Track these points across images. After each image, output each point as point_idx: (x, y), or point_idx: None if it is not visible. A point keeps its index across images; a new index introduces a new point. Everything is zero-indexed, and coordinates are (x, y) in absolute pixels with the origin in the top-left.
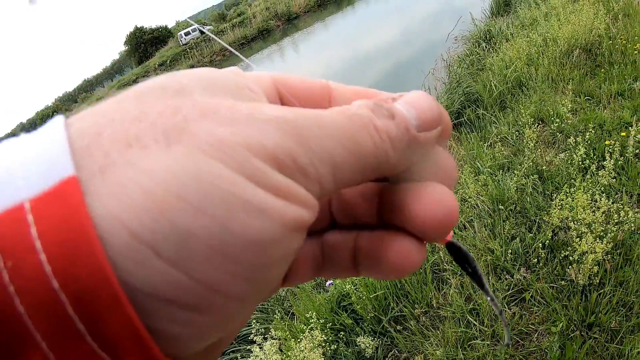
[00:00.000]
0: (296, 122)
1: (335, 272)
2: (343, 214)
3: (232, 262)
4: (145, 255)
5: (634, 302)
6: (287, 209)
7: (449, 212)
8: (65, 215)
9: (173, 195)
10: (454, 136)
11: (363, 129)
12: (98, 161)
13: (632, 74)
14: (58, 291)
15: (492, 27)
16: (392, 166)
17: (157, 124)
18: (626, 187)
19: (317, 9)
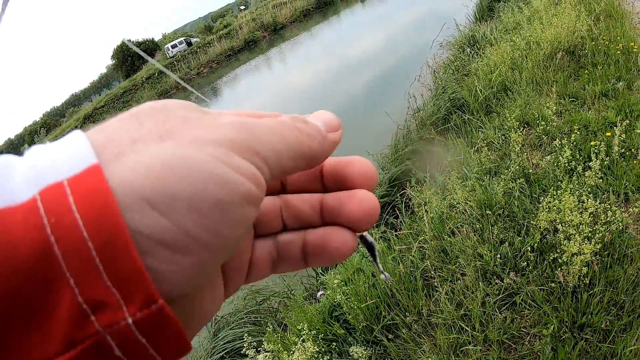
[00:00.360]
0: (247, 124)
1: (288, 266)
2: (293, 219)
3: (203, 216)
4: (145, 207)
5: (624, 301)
6: (243, 182)
7: (373, 208)
8: (92, 187)
9: (166, 168)
10: (440, 142)
11: (289, 129)
12: (113, 151)
13: (615, 74)
14: (87, 239)
15: (476, 32)
16: (316, 154)
17: (153, 130)
18: (613, 187)
19: (303, 19)
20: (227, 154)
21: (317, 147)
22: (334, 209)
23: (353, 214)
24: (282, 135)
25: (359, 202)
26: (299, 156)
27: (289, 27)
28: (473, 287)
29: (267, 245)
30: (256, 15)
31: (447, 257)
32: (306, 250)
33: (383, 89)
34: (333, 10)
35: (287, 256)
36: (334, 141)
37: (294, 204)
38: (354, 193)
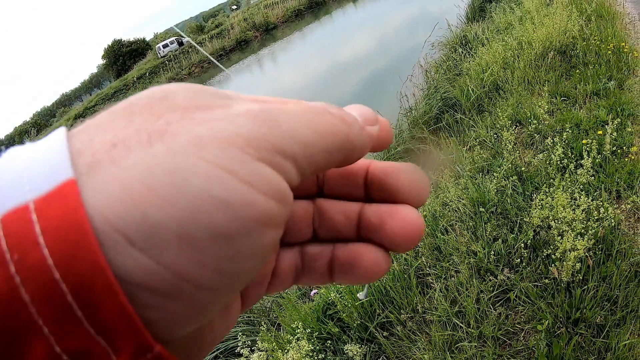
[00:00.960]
0: (266, 112)
1: (312, 279)
2: (325, 229)
3: (200, 252)
4: (121, 244)
5: (617, 296)
6: (257, 200)
7: (417, 230)
8: (64, 213)
9: (147, 189)
10: (433, 141)
11: (321, 114)
12: (86, 161)
13: (606, 74)
14: (60, 281)
15: (468, 32)
16: (354, 145)
17: (142, 128)
18: (605, 184)
19: (295, 19)
20: (238, 159)
21: (355, 136)
22: (372, 224)
23: (393, 235)
24: (313, 121)
25: (403, 222)
26: (334, 147)
27: (281, 27)
28: (467, 284)
29: (293, 255)
30: (248, 15)
31: (440, 254)
32: (333, 265)
33: (375, 89)
34: (325, 10)
35: (312, 269)
36: (371, 135)
37: (328, 214)
38: (397, 210)
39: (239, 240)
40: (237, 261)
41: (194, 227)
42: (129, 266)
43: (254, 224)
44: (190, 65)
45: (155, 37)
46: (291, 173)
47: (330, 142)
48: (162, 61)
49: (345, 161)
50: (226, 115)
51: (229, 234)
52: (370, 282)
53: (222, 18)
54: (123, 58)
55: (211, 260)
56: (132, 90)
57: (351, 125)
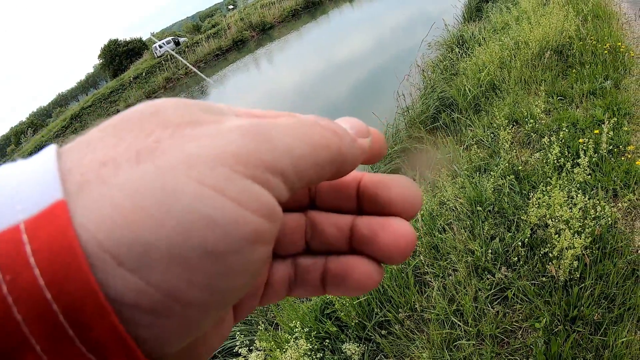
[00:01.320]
0: (256, 127)
1: (305, 291)
2: (318, 241)
3: (190, 271)
4: (110, 264)
5: (615, 293)
6: (247, 218)
7: (409, 243)
8: (54, 234)
9: (137, 209)
10: (430, 141)
11: (312, 126)
12: (75, 180)
13: (602, 73)
14: (51, 301)
15: (464, 32)
16: (345, 158)
17: (131, 146)
18: (601, 183)
19: (292, 19)
20: (227, 177)
21: (347, 148)
22: (364, 237)
23: (385, 248)
24: (304, 134)
25: (394, 234)
26: (325, 160)
27: (277, 27)
28: (465, 283)
29: (286, 267)
30: (244, 15)
31: (438, 253)
32: (326, 277)
33: (372, 89)
34: (321, 10)
35: (305, 281)
36: (363, 147)
37: (320, 226)
38: (388, 222)
39: (229, 258)
40: (227, 279)
41: (184, 247)
42: (118, 286)
43: (243, 242)
44: (187, 65)
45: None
46: (280, 189)
47: (321, 155)
48: (158, 61)
49: (336, 174)
50: (217, 132)
51: (219, 253)
52: (362, 294)
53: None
54: (119, 58)
55: (201, 279)
56: (129, 90)
57: (342, 138)
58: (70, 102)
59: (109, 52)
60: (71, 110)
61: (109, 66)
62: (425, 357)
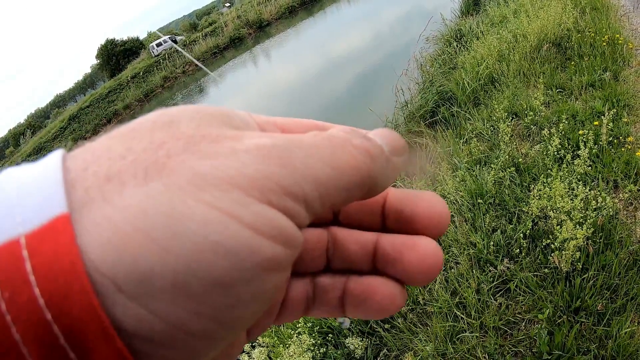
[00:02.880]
0: (277, 147)
1: (323, 311)
2: (339, 259)
3: (196, 301)
4: (110, 288)
5: (617, 284)
6: (261, 246)
7: (436, 264)
8: (56, 251)
9: (140, 233)
10: (430, 134)
11: (342, 147)
12: (79, 197)
13: (601, 65)
14: (51, 322)
15: (462, 26)
16: (375, 181)
17: (140, 160)
18: (602, 174)
19: (289, 16)
20: (241, 202)
21: (379, 170)
22: (388, 256)
23: (411, 269)
24: (332, 156)
25: (420, 255)
26: (354, 183)
27: (275, 24)
28: (467, 275)
29: (304, 286)
30: (241, 13)
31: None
32: (345, 298)
33: (370, 84)
34: (318, 6)
35: (324, 301)
36: (397, 167)
37: (343, 243)
38: (414, 241)
39: (239, 287)
40: (236, 309)
41: (190, 275)
42: (118, 313)
43: (257, 271)
44: (184, 64)
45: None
46: (301, 215)
47: (349, 179)
48: (156, 60)
49: (365, 196)
50: (233, 151)
51: (228, 282)
52: (383, 317)
53: (216, 16)
54: (116, 57)
55: (208, 309)
56: (126, 89)
57: (375, 159)
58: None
59: (106, 52)
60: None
61: (106, 66)
62: (429, 350)
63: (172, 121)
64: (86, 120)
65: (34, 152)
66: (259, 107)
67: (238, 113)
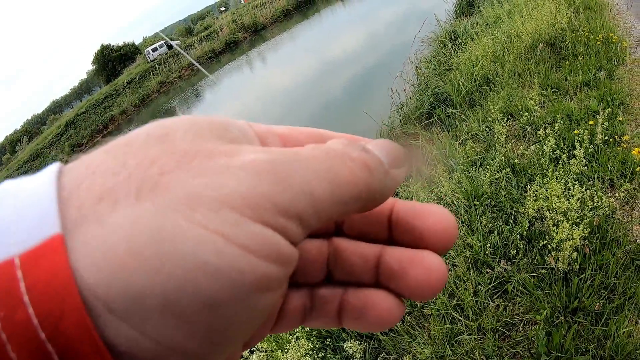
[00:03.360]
0: (272, 162)
1: (321, 322)
2: (340, 271)
3: (188, 322)
4: (101, 310)
5: (615, 283)
6: (253, 266)
7: (440, 280)
8: (50, 273)
9: (131, 254)
10: (425, 136)
11: (340, 160)
12: (72, 216)
13: (596, 64)
14: (45, 342)
15: (457, 27)
16: (374, 195)
17: (132, 176)
18: (598, 174)
19: (284, 19)
20: (233, 222)
21: (377, 184)
22: (392, 271)
23: (414, 284)
24: (328, 171)
25: (425, 270)
26: (351, 198)
27: (270, 28)
28: (464, 277)
29: (301, 296)
30: (236, 17)
31: None
32: (343, 310)
33: (366, 87)
34: (313, 9)
35: (321, 311)
36: (397, 180)
37: (345, 255)
38: (419, 257)
39: (232, 308)
40: (229, 329)
41: (181, 297)
42: (110, 334)
43: (249, 291)
44: (180, 69)
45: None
46: (295, 232)
47: (346, 193)
48: (151, 65)
49: (363, 209)
50: (226, 169)
51: (220, 303)
52: (380, 330)
53: (211, 20)
54: (112, 63)
55: (200, 330)
56: (123, 95)
57: (374, 172)
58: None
59: (101, 57)
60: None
61: (102, 72)
62: (427, 353)
63: (166, 134)
64: (83, 126)
65: (30, 158)
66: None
67: (236, 123)
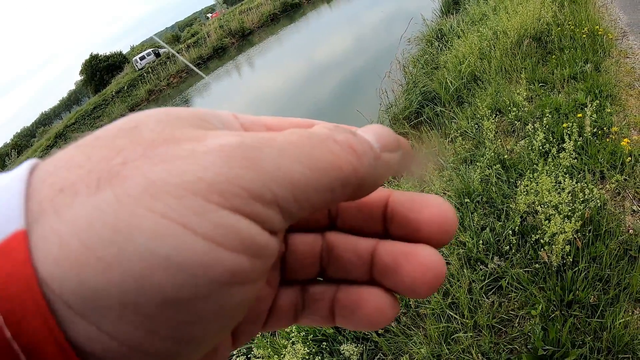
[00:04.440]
0: (244, 146)
1: (313, 320)
2: (334, 268)
3: (149, 320)
4: (61, 306)
5: (609, 275)
6: (219, 261)
7: (437, 276)
8: (12, 270)
9: (85, 249)
10: (414, 135)
11: (321, 144)
12: (34, 209)
13: (582, 57)
14: (11, 341)
15: (443, 25)
16: (363, 180)
17: (96, 169)
18: (588, 166)
19: (270, 23)
20: (197, 210)
21: (366, 168)
22: (386, 266)
23: (410, 280)
24: (309, 155)
25: (421, 266)
26: (336, 183)
27: (257, 32)
28: (458, 275)
29: (293, 293)
30: (223, 22)
31: None
32: (334, 307)
33: (354, 88)
34: (300, 12)
35: (313, 310)
36: (389, 164)
37: (338, 251)
38: (415, 251)
39: (196, 304)
40: (197, 326)
41: (138, 294)
42: (71, 331)
43: (215, 286)
44: (169, 76)
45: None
46: (274, 219)
47: (330, 179)
48: (140, 74)
49: (352, 197)
50: (191, 153)
51: (182, 299)
52: (373, 329)
53: (198, 26)
54: (100, 73)
55: (163, 328)
56: (112, 105)
57: (361, 156)
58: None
59: (90, 67)
60: (55, 129)
61: (90, 82)
62: (424, 352)
63: (137, 126)
64: (72, 137)
65: None
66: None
67: (218, 114)
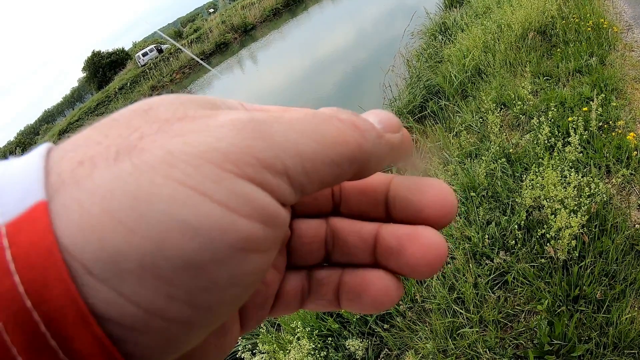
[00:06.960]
0: (255, 122)
1: (319, 305)
2: (339, 252)
3: (167, 284)
4: (80, 272)
5: (615, 270)
6: (235, 227)
7: (439, 257)
8: (34, 239)
9: (107, 215)
10: (419, 129)
11: (326, 121)
12: (53, 181)
13: (587, 51)
14: (31, 310)
15: (446, 19)
16: (368, 157)
17: (113, 144)
18: (594, 160)
19: (273, 18)
20: (213, 178)
21: (370, 145)
22: (389, 248)
23: (413, 261)
24: (315, 130)
25: (424, 247)
26: (343, 158)
27: (259, 27)
28: (464, 270)
29: (299, 278)
30: (225, 18)
31: None
32: (340, 291)
33: (357, 82)
34: (302, 7)
35: (319, 294)
36: (392, 144)
37: (342, 235)
38: (417, 232)
39: (213, 269)
40: (212, 293)
41: (158, 257)
42: (90, 297)
43: (231, 251)
44: (172, 72)
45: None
46: (284, 190)
47: (337, 153)
48: (142, 70)
49: (359, 174)
50: (206, 127)
51: (200, 264)
52: (378, 312)
53: (200, 22)
54: (103, 69)
55: (181, 293)
56: (115, 102)
57: (365, 133)
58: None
59: (92, 64)
60: (58, 126)
61: (93, 79)
62: (429, 347)
63: (151, 108)
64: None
65: None
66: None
67: (226, 100)
